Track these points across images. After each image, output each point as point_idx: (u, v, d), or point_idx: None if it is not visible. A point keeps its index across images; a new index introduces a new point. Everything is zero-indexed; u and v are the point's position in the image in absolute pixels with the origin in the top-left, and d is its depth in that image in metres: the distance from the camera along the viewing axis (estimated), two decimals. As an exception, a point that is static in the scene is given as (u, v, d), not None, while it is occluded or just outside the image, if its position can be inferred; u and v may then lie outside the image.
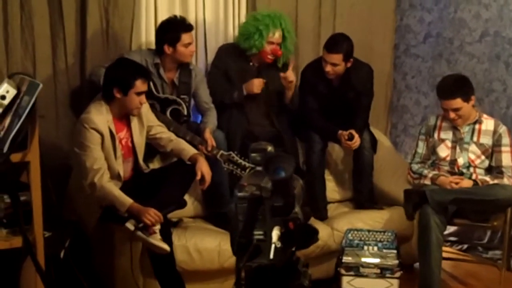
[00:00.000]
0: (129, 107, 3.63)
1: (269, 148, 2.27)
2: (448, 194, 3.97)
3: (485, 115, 4.22)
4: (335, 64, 4.37)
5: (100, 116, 3.57)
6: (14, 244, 2.96)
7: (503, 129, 4.16)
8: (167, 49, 4.13)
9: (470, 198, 3.97)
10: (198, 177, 3.73)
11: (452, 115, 4.10)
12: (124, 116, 3.72)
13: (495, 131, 4.15)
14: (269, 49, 4.42)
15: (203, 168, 3.74)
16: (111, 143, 3.61)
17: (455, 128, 4.20)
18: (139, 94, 3.59)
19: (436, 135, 4.26)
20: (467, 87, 4.12)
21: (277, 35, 4.43)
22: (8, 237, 2.99)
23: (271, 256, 2.06)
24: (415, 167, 4.33)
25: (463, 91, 4.08)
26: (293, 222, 2.13)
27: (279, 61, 4.53)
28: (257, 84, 4.41)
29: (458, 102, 4.06)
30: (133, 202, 3.51)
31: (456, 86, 4.11)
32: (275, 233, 2.09)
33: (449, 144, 4.21)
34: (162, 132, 3.91)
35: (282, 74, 4.41)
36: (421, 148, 4.35)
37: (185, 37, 4.11)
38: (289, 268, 2.27)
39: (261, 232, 2.13)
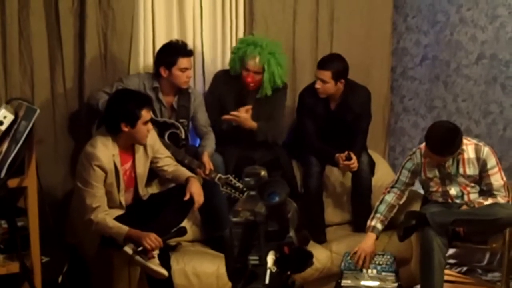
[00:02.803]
0: (137, 137, 3.63)
1: (263, 173, 2.27)
2: (448, 216, 3.95)
3: (465, 140, 4.02)
4: (324, 81, 4.36)
5: (106, 152, 3.56)
6: (11, 269, 2.96)
7: (485, 152, 4.02)
8: (163, 72, 4.13)
9: (471, 219, 3.95)
10: (186, 197, 3.71)
11: (433, 163, 4.06)
12: (130, 147, 3.73)
13: (478, 158, 4.02)
14: (245, 75, 4.36)
15: (192, 189, 3.73)
16: (115, 177, 3.62)
17: (439, 164, 4.09)
18: (145, 123, 3.60)
19: (422, 174, 4.18)
20: (456, 145, 3.94)
21: (251, 63, 4.32)
22: (5, 263, 3.00)
23: (267, 281, 2.05)
24: (382, 207, 4.20)
25: (453, 150, 3.95)
26: (288, 246, 2.13)
27: (260, 92, 4.44)
28: (244, 118, 4.31)
29: (447, 158, 4.00)
30: (130, 229, 3.51)
31: (448, 148, 3.94)
32: (270, 258, 2.09)
33: (437, 180, 4.15)
34: (168, 164, 3.91)
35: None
36: (405, 177, 4.21)
37: (182, 62, 4.11)
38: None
39: (256, 257, 2.13)
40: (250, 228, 2.13)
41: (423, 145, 4.11)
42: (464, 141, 4.02)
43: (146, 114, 3.59)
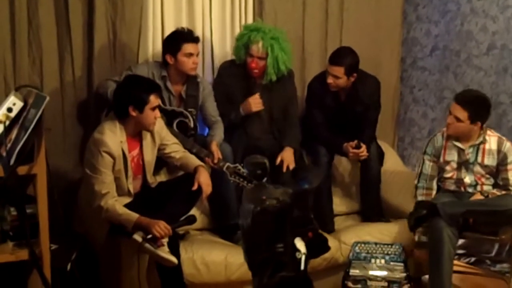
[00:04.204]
0: (145, 123, 3.64)
1: (267, 162, 2.28)
2: (459, 206, 3.95)
3: (489, 132, 4.13)
4: (337, 77, 4.36)
5: (114, 138, 3.57)
6: (21, 257, 2.96)
7: (507, 147, 4.08)
8: (169, 59, 4.14)
9: (482, 210, 3.94)
10: (195, 187, 3.71)
11: (449, 120, 4.07)
12: (137, 134, 3.73)
13: (499, 150, 4.08)
14: (249, 61, 4.34)
15: (201, 179, 3.73)
16: (123, 164, 3.62)
17: (459, 149, 4.15)
18: (153, 109, 3.61)
19: (441, 157, 4.20)
20: (481, 111, 4.03)
21: (255, 48, 4.30)
22: (14, 250, 3.00)
23: (302, 267, 2.05)
24: (419, 195, 4.23)
25: (475, 111, 4.00)
26: (312, 232, 2.14)
27: (265, 78, 4.41)
28: (253, 103, 4.36)
29: (463, 115, 4.01)
30: (140, 216, 3.51)
31: (472, 103, 4.02)
32: (301, 244, 2.09)
33: (454, 165, 4.16)
34: (176, 151, 3.91)
35: None
36: (427, 169, 4.23)
37: (186, 47, 4.11)
38: (305, 278, 2.26)
39: (281, 245, 2.12)
40: (276, 216, 2.12)
41: (445, 129, 4.17)
42: (488, 132, 4.10)
43: (154, 100, 3.60)
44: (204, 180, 3.75)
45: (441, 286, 3.88)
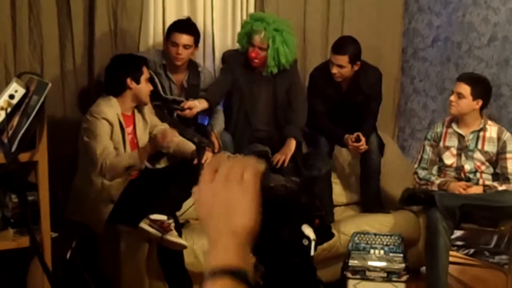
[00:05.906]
0: (142, 94, 3.74)
1: (269, 151, 2.28)
2: (457, 200, 3.96)
3: (490, 122, 4.23)
4: (341, 66, 4.35)
5: (110, 108, 3.64)
6: (22, 244, 2.95)
7: (507, 136, 4.17)
8: (165, 46, 4.19)
9: (480, 204, 3.96)
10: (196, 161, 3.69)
11: (452, 98, 4.15)
12: (131, 111, 3.79)
13: (499, 138, 4.16)
14: (250, 51, 4.29)
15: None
16: (121, 135, 3.66)
17: (460, 135, 4.20)
18: (146, 80, 3.74)
19: (441, 143, 4.26)
20: (483, 88, 4.15)
21: (257, 38, 4.25)
22: (15, 237, 2.99)
23: (312, 252, 2.06)
24: (422, 173, 4.29)
25: (477, 87, 4.10)
26: (319, 219, 2.14)
27: (265, 70, 4.37)
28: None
29: (466, 89, 4.08)
30: (139, 147, 3.65)
31: (474, 79, 4.17)
32: (310, 230, 2.09)
33: (454, 151, 4.20)
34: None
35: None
36: (428, 154, 4.32)
37: (174, 36, 4.09)
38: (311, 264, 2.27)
39: (288, 232, 2.13)
40: (284, 202, 2.13)
41: (447, 118, 4.28)
42: (489, 122, 4.21)
43: (146, 71, 3.75)
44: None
45: (437, 277, 3.92)
